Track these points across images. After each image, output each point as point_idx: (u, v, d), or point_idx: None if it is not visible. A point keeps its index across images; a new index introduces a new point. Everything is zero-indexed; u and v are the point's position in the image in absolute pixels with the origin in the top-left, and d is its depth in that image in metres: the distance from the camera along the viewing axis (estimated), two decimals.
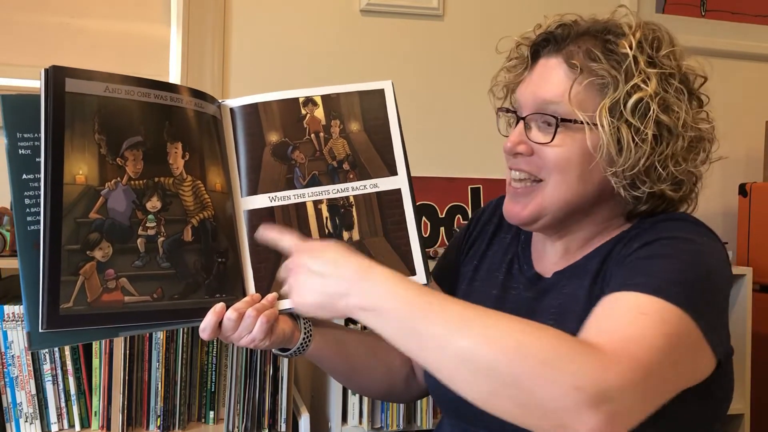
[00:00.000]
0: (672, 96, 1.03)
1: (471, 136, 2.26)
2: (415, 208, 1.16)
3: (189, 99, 1.09)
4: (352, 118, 1.17)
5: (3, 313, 1.58)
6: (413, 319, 0.90)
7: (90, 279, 0.98)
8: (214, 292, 1.06)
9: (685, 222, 1.05)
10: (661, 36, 1.07)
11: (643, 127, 1.01)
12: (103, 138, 1.01)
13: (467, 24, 2.27)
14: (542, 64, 1.10)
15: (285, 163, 1.14)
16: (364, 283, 0.95)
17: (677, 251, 0.97)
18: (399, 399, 1.50)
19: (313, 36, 2.17)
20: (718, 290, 0.98)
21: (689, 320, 0.90)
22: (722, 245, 1.05)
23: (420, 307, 0.91)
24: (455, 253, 1.31)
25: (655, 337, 0.86)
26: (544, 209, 1.08)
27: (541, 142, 1.06)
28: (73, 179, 0.98)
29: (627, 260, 1.00)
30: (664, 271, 0.94)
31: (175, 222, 1.05)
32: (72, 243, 0.98)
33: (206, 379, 1.70)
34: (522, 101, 1.11)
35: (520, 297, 1.15)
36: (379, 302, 0.93)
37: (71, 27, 2.03)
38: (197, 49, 2.06)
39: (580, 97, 1.04)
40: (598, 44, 1.05)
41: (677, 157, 1.04)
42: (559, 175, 1.06)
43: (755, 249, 2.26)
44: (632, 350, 0.84)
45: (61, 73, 0.99)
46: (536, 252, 1.19)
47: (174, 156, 1.06)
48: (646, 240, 1.00)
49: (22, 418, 1.59)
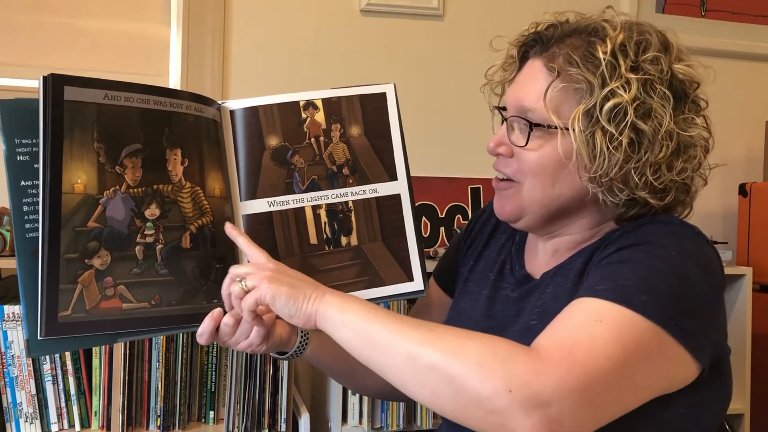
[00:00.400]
0: (656, 102, 1.00)
1: (471, 136, 2.25)
2: (414, 214, 1.16)
3: (188, 104, 1.08)
4: (352, 122, 1.17)
5: (3, 313, 1.58)
6: (369, 323, 0.94)
7: (88, 287, 0.99)
8: (212, 298, 1.06)
9: (669, 225, 1.02)
10: (649, 39, 1.04)
11: (618, 134, 0.99)
12: (102, 146, 1.01)
13: (467, 24, 2.27)
14: (528, 65, 1.10)
15: (284, 168, 1.14)
16: (327, 292, 1.00)
17: (650, 258, 0.95)
18: (400, 398, 1.51)
19: (313, 36, 2.17)
20: (696, 295, 0.95)
21: (655, 329, 0.89)
22: (710, 248, 1.02)
23: (375, 313, 0.95)
24: (455, 253, 1.31)
25: (607, 345, 0.87)
26: (524, 209, 1.09)
27: (518, 144, 1.07)
28: (71, 188, 0.98)
29: (601, 263, 0.99)
30: (632, 278, 0.93)
31: (174, 229, 1.05)
32: (71, 252, 0.98)
33: (206, 379, 1.70)
34: (507, 102, 1.12)
35: (508, 298, 1.15)
36: (342, 303, 0.98)
37: (71, 27, 2.03)
38: (197, 49, 2.05)
39: (556, 102, 1.03)
40: (581, 46, 1.04)
41: (658, 165, 1.01)
42: (534, 178, 1.06)
43: (755, 249, 2.26)
44: (576, 357, 0.85)
45: (60, 81, 0.98)
46: (529, 253, 1.19)
47: (173, 163, 1.06)
48: (622, 244, 0.99)
49: (22, 418, 1.60)
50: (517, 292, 1.14)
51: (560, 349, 0.86)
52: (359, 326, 0.95)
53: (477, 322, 1.13)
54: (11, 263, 1.59)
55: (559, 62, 1.04)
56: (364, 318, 0.95)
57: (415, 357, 0.88)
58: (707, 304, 0.97)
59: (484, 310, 1.16)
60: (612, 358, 0.86)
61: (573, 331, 0.89)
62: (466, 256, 1.28)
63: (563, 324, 0.91)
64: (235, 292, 1.00)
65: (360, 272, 1.14)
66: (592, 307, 0.91)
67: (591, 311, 0.90)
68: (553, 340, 0.88)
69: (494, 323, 1.12)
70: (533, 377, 0.83)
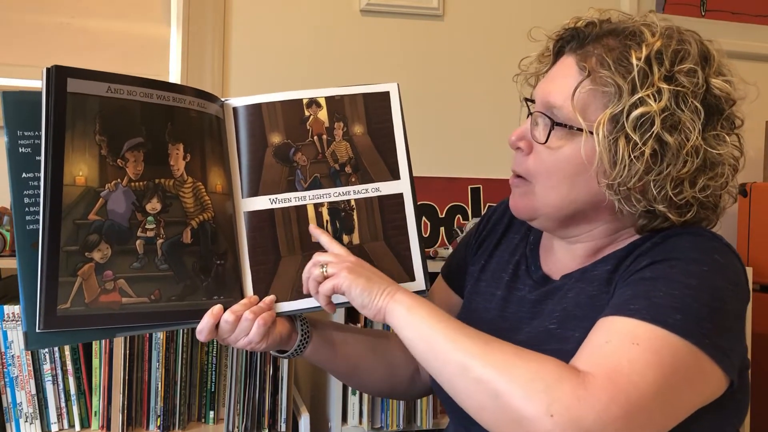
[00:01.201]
0: (686, 115, 0.97)
1: (471, 136, 2.26)
2: (417, 214, 1.16)
3: (191, 99, 1.08)
4: (356, 120, 1.16)
5: (3, 313, 1.58)
6: (430, 328, 0.97)
7: (88, 280, 0.98)
8: (212, 294, 1.06)
9: (699, 238, 1.00)
10: (688, 49, 1.00)
11: (642, 144, 0.96)
12: (104, 139, 1.01)
13: (467, 24, 2.27)
14: (561, 61, 1.07)
15: (286, 165, 1.14)
16: (400, 290, 1.04)
17: (683, 275, 0.94)
18: (402, 396, 1.51)
19: (313, 36, 2.17)
20: (728, 312, 0.94)
21: (691, 348, 0.89)
22: (738, 260, 1.01)
23: (439, 318, 0.98)
24: (464, 252, 1.30)
25: (646, 369, 0.86)
26: (536, 210, 1.07)
27: (538, 140, 1.05)
28: (73, 180, 0.98)
29: (631, 278, 0.97)
30: (666, 296, 0.91)
31: (175, 224, 1.05)
32: (71, 244, 0.98)
33: (206, 379, 1.69)
34: (536, 96, 1.09)
35: (524, 299, 1.14)
36: (411, 303, 1.01)
37: (71, 27, 2.03)
38: (197, 49, 2.05)
39: (584, 102, 1.00)
40: (616, 48, 1.00)
41: (680, 180, 0.98)
42: (547, 180, 1.05)
43: (755, 249, 2.26)
44: (618, 383, 0.85)
45: (64, 73, 0.99)
46: (545, 253, 1.18)
47: (175, 157, 1.06)
48: (653, 258, 0.97)
49: (22, 418, 1.59)
50: (535, 294, 1.13)
51: (604, 374, 0.86)
52: (421, 329, 0.98)
53: (490, 324, 1.12)
54: (11, 263, 1.58)
55: (591, 62, 1.01)
56: (426, 322, 0.98)
57: (466, 368, 0.91)
58: (736, 319, 0.96)
59: (498, 311, 1.15)
60: (653, 383, 0.86)
61: (612, 356, 0.88)
62: (476, 255, 1.27)
63: (600, 347, 0.90)
64: (314, 275, 1.06)
65: None
66: (627, 328, 0.90)
67: (626, 333, 0.89)
68: (593, 363, 0.88)
69: (507, 324, 1.11)
70: (575, 404, 0.83)
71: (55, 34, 2.02)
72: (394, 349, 1.28)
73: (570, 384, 0.85)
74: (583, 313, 1.02)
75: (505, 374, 0.88)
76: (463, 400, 0.92)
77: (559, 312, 1.06)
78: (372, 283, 1.03)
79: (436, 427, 1.80)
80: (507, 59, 1.16)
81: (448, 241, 2.06)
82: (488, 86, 2.25)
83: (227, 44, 2.10)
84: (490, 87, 2.24)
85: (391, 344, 1.29)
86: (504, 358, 0.90)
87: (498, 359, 0.90)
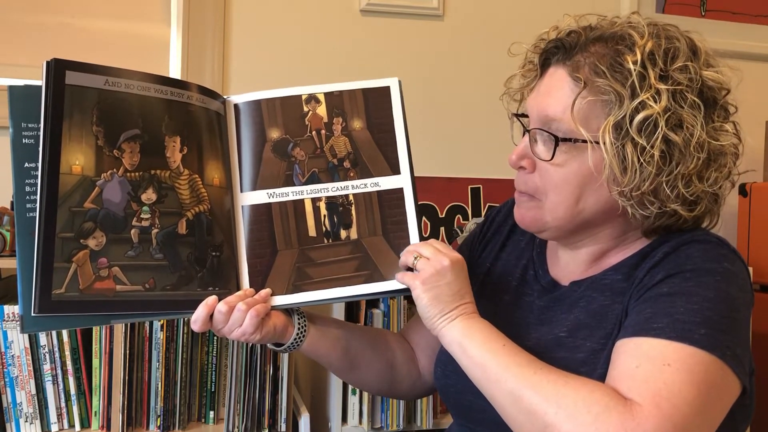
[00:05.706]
0: (686, 111, 0.97)
1: (471, 136, 2.26)
2: (417, 209, 1.16)
3: (191, 94, 1.10)
4: (355, 115, 1.17)
5: (3, 313, 1.58)
6: (483, 354, 0.99)
7: (83, 266, 1.00)
8: (207, 285, 1.07)
9: (708, 245, 1.00)
10: (678, 45, 1.00)
11: (650, 147, 0.96)
12: (100, 129, 1.03)
13: (467, 24, 2.27)
14: (550, 73, 1.06)
15: (285, 160, 1.14)
16: (461, 316, 1.05)
17: (699, 287, 0.94)
18: (402, 396, 1.50)
19: (313, 36, 2.17)
20: (741, 320, 0.96)
21: (717, 362, 0.90)
22: (744, 266, 1.02)
23: (493, 343, 1.00)
24: (469, 253, 1.29)
25: (682, 389, 0.87)
26: (545, 224, 1.07)
27: (543, 158, 1.04)
28: (69, 169, 1.01)
29: (648, 294, 0.97)
30: (687, 311, 0.92)
31: (170, 214, 1.06)
32: (66, 231, 1.00)
33: (206, 379, 1.69)
34: (529, 112, 1.08)
35: (533, 305, 1.14)
36: (466, 330, 1.02)
37: (71, 27, 2.03)
38: (197, 48, 2.06)
39: (584, 113, 0.99)
40: (607, 55, 1.00)
41: (689, 177, 0.98)
42: (557, 196, 1.04)
43: (755, 249, 2.25)
44: (663, 408, 0.86)
45: (62, 66, 1.02)
46: (551, 257, 1.17)
47: (172, 149, 1.07)
48: (668, 272, 0.97)
49: (22, 418, 1.59)
50: (543, 300, 1.13)
51: (647, 404, 0.86)
52: (475, 354, 1.00)
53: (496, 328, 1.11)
54: (11, 263, 1.58)
55: (584, 72, 1.00)
56: (480, 348, 1.00)
57: (517, 397, 0.93)
58: (746, 326, 0.98)
59: (505, 316, 1.14)
60: (692, 403, 0.87)
61: (649, 381, 0.88)
62: (481, 258, 1.26)
63: (632, 372, 0.91)
64: (402, 261, 1.10)
65: (359, 266, 1.13)
66: (656, 349, 0.91)
67: (656, 355, 0.90)
68: (634, 391, 0.88)
69: (514, 330, 1.09)
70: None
71: (57, 33, 2.02)
72: (393, 346, 1.28)
73: (618, 413, 0.86)
74: (596, 322, 1.02)
75: (553, 405, 0.89)
76: (516, 428, 0.94)
77: (570, 321, 1.05)
78: (437, 301, 1.04)
79: (436, 427, 1.80)
80: (507, 59, 1.16)
81: (449, 241, 2.06)
82: (488, 86, 2.24)
83: (227, 44, 2.10)
84: (490, 87, 2.23)
85: (390, 342, 1.29)
86: (553, 387, 0.91)
87: (547, 388, 0.91)
